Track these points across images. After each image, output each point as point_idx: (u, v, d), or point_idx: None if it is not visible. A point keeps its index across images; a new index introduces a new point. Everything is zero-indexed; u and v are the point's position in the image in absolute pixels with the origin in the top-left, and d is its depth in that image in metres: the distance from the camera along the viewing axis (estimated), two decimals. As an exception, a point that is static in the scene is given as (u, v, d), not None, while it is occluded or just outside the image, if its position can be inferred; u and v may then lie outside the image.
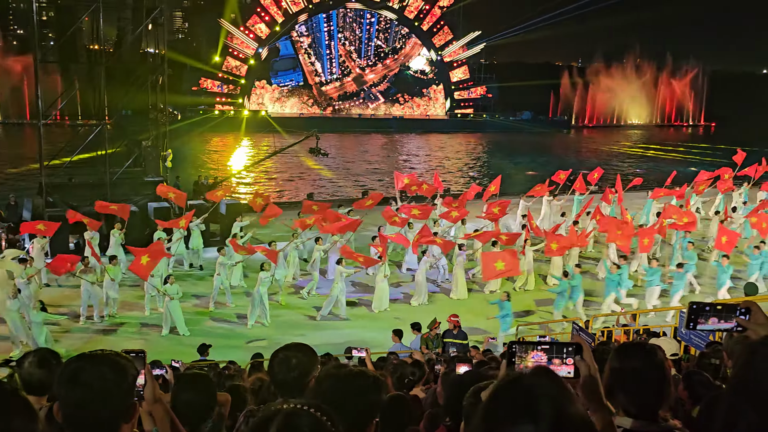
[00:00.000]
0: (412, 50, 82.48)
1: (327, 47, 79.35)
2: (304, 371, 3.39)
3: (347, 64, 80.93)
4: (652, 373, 2.73)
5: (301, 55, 78.73)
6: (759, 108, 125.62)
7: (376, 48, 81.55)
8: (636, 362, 2.75)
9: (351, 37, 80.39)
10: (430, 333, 13.84)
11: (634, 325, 13.08)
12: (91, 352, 2.44)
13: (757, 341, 1.72)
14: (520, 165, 52.25)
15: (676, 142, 76.74)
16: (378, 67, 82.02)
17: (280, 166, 48.26)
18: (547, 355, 2.23)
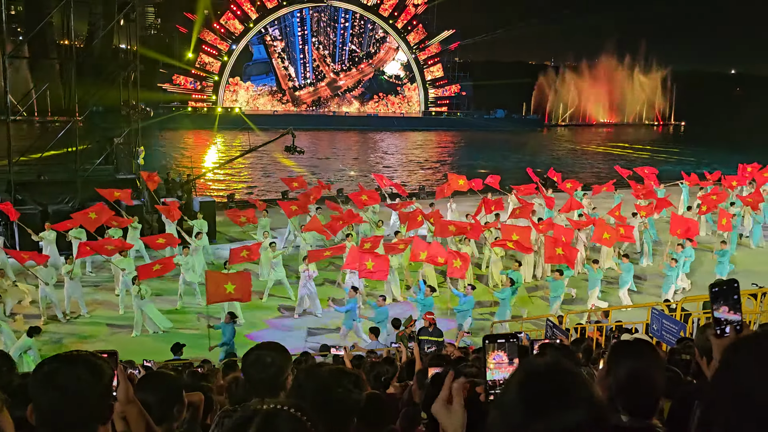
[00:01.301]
0: (387, 55, 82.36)
1: (301, 51, 78.80)
2: (279, 370, 3.38)
3: (321, 68, 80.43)
4: (654, 373, 2.72)
5: (275, 60, 78.07)
6: (728, 107, 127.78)
7: (351, 52, 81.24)
8: (637, 362, 2.74)
9: (325, 41, 79.91)
10: (406, 330, 13.87)
11: (606, 321, 13.24)
12: (66, 353, 2.40)
13: (740, 340, 1.67)
14: (493, 163, 52.48)
15: (648, 141, 77.71)
16: (352, 71, 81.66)
17: (254, 164, 47.99)
18: (508, 356, 2.27)
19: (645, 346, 2.84)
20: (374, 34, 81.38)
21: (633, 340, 3.04)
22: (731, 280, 2.61)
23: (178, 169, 35.25)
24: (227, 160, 39.34)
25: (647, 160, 52.98)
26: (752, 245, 24.97)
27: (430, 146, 66.97)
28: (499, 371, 2.27)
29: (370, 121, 77.77)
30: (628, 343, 2.93)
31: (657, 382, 2.72)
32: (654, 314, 9.96)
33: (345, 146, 64.65)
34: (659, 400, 2.77)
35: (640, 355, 2.76)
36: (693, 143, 73.84)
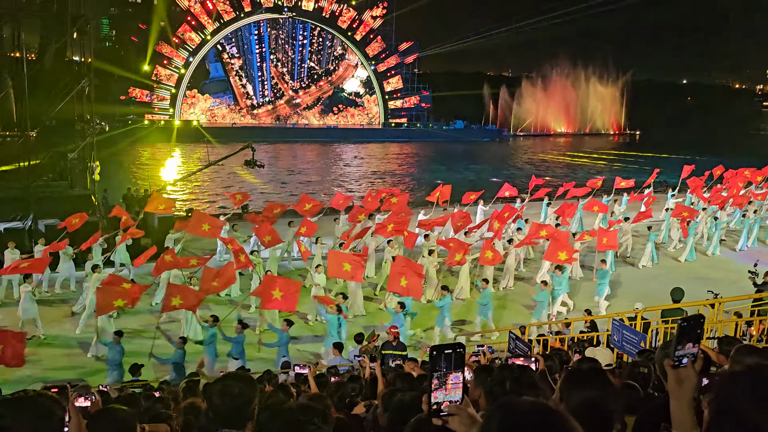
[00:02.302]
0: (346, 72, 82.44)
1: (259, 69, 78.29)
2: (247, 401, 3.29)
3: (280, 86, 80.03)
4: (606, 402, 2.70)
5: (232, 77, 77.43)
6: (681, 116, 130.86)
7: (310, 70, 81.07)
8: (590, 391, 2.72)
9: (283, 58, 79.57)
10: (368, 345, 13.77)
11: (568, 332, 13.35)
12: (13, 395, 2.28)
13: (738, 370, 1.74)
14: (455, 173, 52.77)
15: (605, 150, 79.06)
16: (312, 89, 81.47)
17: (214, 177, 47.43)
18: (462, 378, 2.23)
19: (598, 376, 2.83)
20: (333, 50, 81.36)
21: (586, 368, 3.02)
22: (698, 316, 2.62)
23: (135, 185, 34.66)
24: (186, 174, 38.82)
25: (605, 169, 53.96)
26: (709, 253, 25.46)
27: (391, 158, 67.09)
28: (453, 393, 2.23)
29: (330, 133, 77.73)
30: (582, 372, 2.90)
31: (609, 411, 2.71)
32: (614, 325, 10.04)
33: (306, 158, 64.34)
34: (612, 428, 2.76)
35: (593, 384, 2.75)
36: (648, 151, 75.27)
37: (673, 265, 24.21)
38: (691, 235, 24.93)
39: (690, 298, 15.93)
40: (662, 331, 11.43)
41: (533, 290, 19.01)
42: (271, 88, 79.59)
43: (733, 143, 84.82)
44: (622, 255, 24.71)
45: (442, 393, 2.21)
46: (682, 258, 24.64)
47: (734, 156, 53.21)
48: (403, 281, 15.64)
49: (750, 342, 11.90)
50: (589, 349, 8.07)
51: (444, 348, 2.22)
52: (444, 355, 2.22)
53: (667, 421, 3.11)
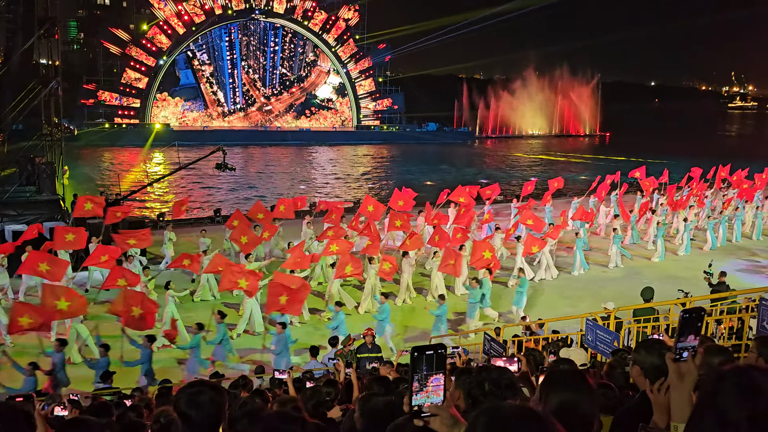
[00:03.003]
0: (318, 78, 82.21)
1: (230, 76, 77.61)
2: (218, 409, 3.22)
3: (252, 93, 79.42)
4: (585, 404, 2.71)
5: (203, 85, 76.63)
6: (649, 118, 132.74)
7: (282, 76, 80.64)
8: (569, 393, 2.72)
9: (255, 65, 79.01)
10: (344, 349, 13.71)
11: (542, 333, 13.42)
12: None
13: (726, 369, 1.78)
14: (429, 175, 52.88)
15: (577, 151, 79.88)
16: (284, 95, 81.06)
17: (185, 181, 47.00)
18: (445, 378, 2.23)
19: (576, 377, 2.83)
20: (305, 57, 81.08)
21: (566, 370, 3.02)
22: (699, 308, 2.65)
23: (107, 189, 34.22)
24: (156, 178, 38.38)
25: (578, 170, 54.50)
26: (679, 253, 25.80)
27: (365, 160, 67.07)
28: (434, 394, 2.21)
29: (303, 136, 77.44)
30: (561, 373, 2.90)
31: (588, 413, 2.72)
32: (588, 325, 10.13)
33: (279, 162, 64.00)
34: (592, 429, 2.77)
35: (572, 386, 2.75)
36: (617, 152, 76.20)
37: (645, 264, 24.49)
38: (660, 236, 25.27)
39: (661, 297, 16.14)
40: (634, 330, 11.55)
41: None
42: (242, 95, 78.93)
43: (700, 145, 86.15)
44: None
45: (423, 395, 2.20)
46: (654, 258, 24.96)
47: (701, 157, 54.03)
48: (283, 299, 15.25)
49: (719, 339, 12.08)
50: (563, 349, 8.12)
51: (425, 349, 2.21)
52: (425, 356, 2.20)
53: (644, 421, 3.13)
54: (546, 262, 22.60)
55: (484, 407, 1.85)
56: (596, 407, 2.80)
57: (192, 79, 76.17)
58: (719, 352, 4.38)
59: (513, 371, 3.48)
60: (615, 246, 24.19)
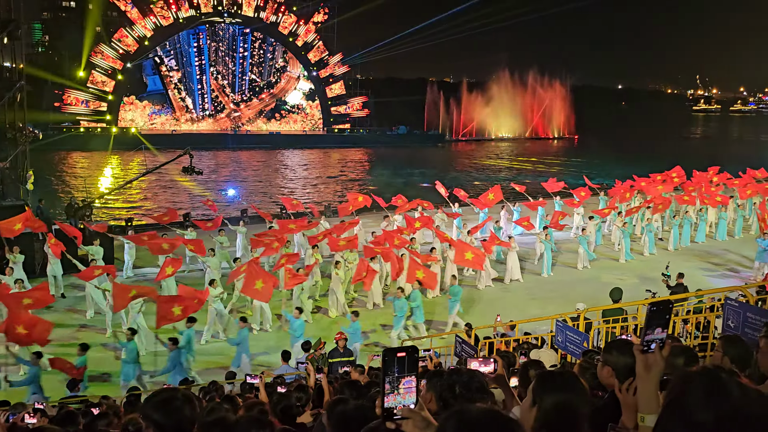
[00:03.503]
0: (288, 84, 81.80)
1: (199, 82, 76.68)
2: (189, 415, 3.18)
3: (221, 99, 78.60)
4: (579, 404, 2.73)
5: (171, 91, 75.64)
6: (616, 121, 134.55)
7: (251, 82, 79.99)
8: (563, 394, 2.73)
9: (224, 70, 78.20)
10: (315, 354, 13.65)
11: (513, 334, 13.50)
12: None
13: (694, 371, 1.82)
14: (400, 178, 52.94)
15: (546, 154, 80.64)
16: (253, 102, 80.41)
17: (154, 185, 46.45)
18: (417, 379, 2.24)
19: (570, 378, 2.85)
20: (274, 62, 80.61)
21: (557, 371, 3.04)
22: (667, 301, 2.69)
23: (76, 195, 33.64)
24: (122, 183, 37.77)
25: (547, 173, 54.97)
26: (645, 253, 26.16)
27: (335, 163, 66.94)
28: (406, 397, 2.21)
29: (273, 140, 76.97)
30: (554, 374, 2.92)
31: (582, 413, 2.74)
32: (558, 326, 10.21)
33: (249, 165, 63.57)
34: (583, 429, 2.79)
35: (566, 387, 2.77)
36: (586, 155, 77.12)
37: (612, 265, 24.79)
38: (627, 236, 25.61)
39: (629, 297, 16.35)
40: (603, 330, 11.67)
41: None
42: (211, 102, 78.10)
43: (666, 147, 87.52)
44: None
45: (394, 397, 2.20)
46: (621, 259, 25.27)
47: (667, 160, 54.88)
48: (259, 284, 16.01)
49: (686, 338, 12.26)
50: (534, 350, 8.18)
51: (396, 351, 2.21)
52: (397, 358, 2.20)
53: (614, 421, 3.17)
54: (511, 265, 22.76)
55: (453, 410, 1.87)
56: (589, 405, 2.82)
57: (160, 85, 75.08)
58: (682, 352, 4.45)
59: (488, 372, 3.49)
60: (582, 247, 24.48)
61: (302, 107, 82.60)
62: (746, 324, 6.99)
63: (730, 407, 1.68)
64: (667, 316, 2.71)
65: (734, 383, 1.73)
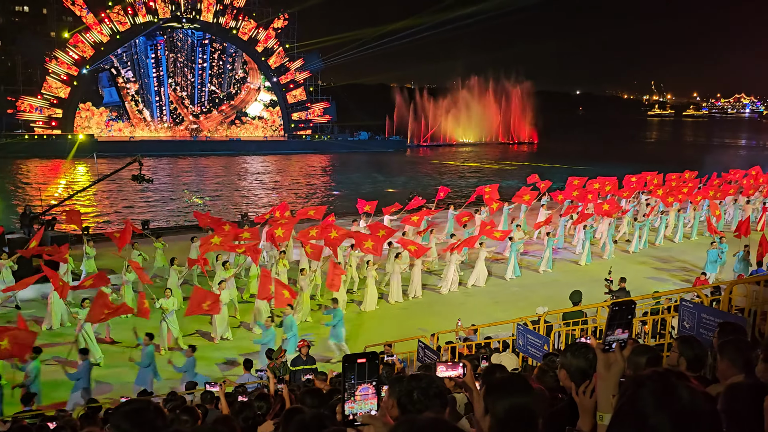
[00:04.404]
0: (249, 96, 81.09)
1: (157, 94, 75.34)
2: (161, 426, 3.13)
3: (179, 111, 77.30)
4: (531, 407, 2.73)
5: (128, 103, 74.16)
6: (574, 125, 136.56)
7: (211, 94, 78.93)
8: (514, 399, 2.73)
9: (183, 82, 76.91)
10: (276, 362, 13.52)
11: (475, 338, 13.58)
12: None
13: (645, 374, 1.83)
14: (363, 183, 52.93)
15: (506, 158, 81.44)
16: (213, 114, 79.35)
17: (111, 193, 45.61)
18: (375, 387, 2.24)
19: (519, 381, 2.85)
20: (234, 73, 79.80)
21: (505, 376, 3.05)
22: (629, 301, 2.72)
23: (30, 203, 32.91)
24: (74, 192, 36.91)
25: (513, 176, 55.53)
26: (605, 256, 26.54)
27: (296, 169, 66.62)
28: (362, 404, 2.21)
29: (233, 146, 76.27)
30: (501, 380, 2.92)
31: (534, 417, 2.75)
32: (519, 329, 10.28)
33: (211, 172, 62.91)
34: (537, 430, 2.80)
35: (516, 391, 2.78)
36: (545, 159, 78.07)
37: (573, 268, 25.11)
38: (588, 240, 25.97)
39: (589, 300, 16.57)
40: (564, 333, 11.80)
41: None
42: (170, 114, 76.80)
43: (623, 151, 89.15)
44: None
45: (351, 404, 2.20)
46: (581, 262, 25.62)
47: (624, 163, 55.94)
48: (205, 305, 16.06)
49: (644, 338, 12.47)
50: (495, 355, 8.21)
51: (356, 358, 2.21)
52: (357, 365, 2.20)
53: (572, 423, 3.19)
54: (478, 270, 22.92)
55: (402, 419, 1.93)
56: (540, 407, 2.83)
57: (116, 97, 73.37)
58: (645, 351, 4.52)
59: (456, 376, 3.49)
60: (547, 250, 24.74)
61: (264, 118, 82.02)
62: (701, 325, 7.13)
63: (681, 410, 1.70)
64: (629, 316, 2.75)
65: (684, 386, 1.75)
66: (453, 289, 22.27)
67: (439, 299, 21.46)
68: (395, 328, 18.61)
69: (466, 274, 23.22)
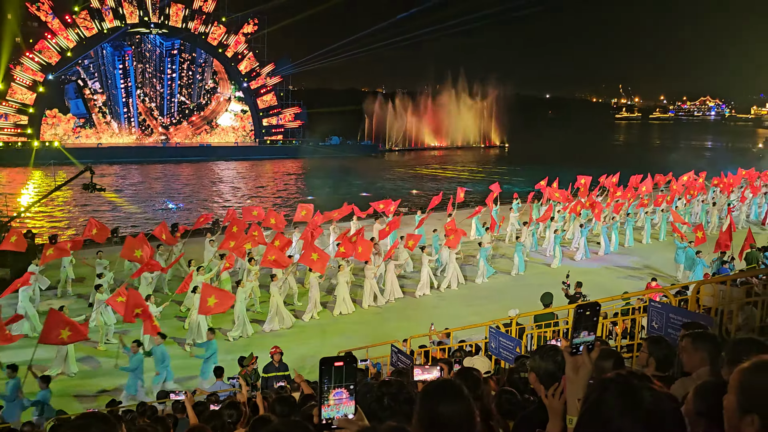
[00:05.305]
0: (219, 106, 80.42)
1: (125, 105, 74.19)
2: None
3: (148, 122, 76.27)
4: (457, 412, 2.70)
5: (95, 115, 72.94)
6: (544, 129, 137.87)
7: (180, 105, 78.00)
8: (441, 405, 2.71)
9: (151, 93, 75.86)
10: (247, 369, 13.40)
11: (448, 342, 13.60)
12: None
13: (609, 378, 1.87)
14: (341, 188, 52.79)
15: (478, 163, 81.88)
16: (183, 125, 78.48)
17: (78, 200, 44.91)
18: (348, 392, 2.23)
19: (448, 387, 2.82)
20: (204, 83, 79.04)
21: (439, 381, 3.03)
22: (594, 304, 2.73)
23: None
24: (35, 200, 36.20)
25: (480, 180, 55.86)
26: (576, 257, 26.79)
27: (268, 175, 66.29)
28: (337, 408, 2.21)
29: (204, 152, 75.61)
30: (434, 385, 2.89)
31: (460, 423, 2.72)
32: (491, 332, 10.32)
33: (181, 178, 62.30)
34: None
35: (444, 397, 2.75)
36: (516, 162, 78.66)
37: (544, 270, 25.30)
38: (558, 243, 26.20)
39: (560, 301, 16.69)
40: (535, 335, 11.87)
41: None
42: (138, 125, 75.82)
43: (591, 154, 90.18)
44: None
45: (329, 408, 2.20)
46: (553, 264, 25.81)
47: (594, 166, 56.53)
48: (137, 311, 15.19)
49: (615, 339, 12.59)
50: (467, 358, 8.23)
51: (333, 361, 2.20)
52: (334, 368, 2.20)
53: (542, 426, 3.19)
54: (450, 273, 22.99)
55: (364, 428, 1.94)
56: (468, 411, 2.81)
57: (83, 109, 72.02)
58: (609, 355, 4.54)
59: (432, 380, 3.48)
60: (517, 254, 24.90)
61: (235, 128, 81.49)
62: (669, 324, 7.21)
63: (644, 412, 1.75)
64: (595, 318, 2.76)
65: (646, 388, 1.80)
66: (426, 293, 22.30)
67: (412, 303, 21.48)
68: (369, 332, 18.59)
69: (440, 278, 23.29)
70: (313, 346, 17.73)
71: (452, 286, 22.98)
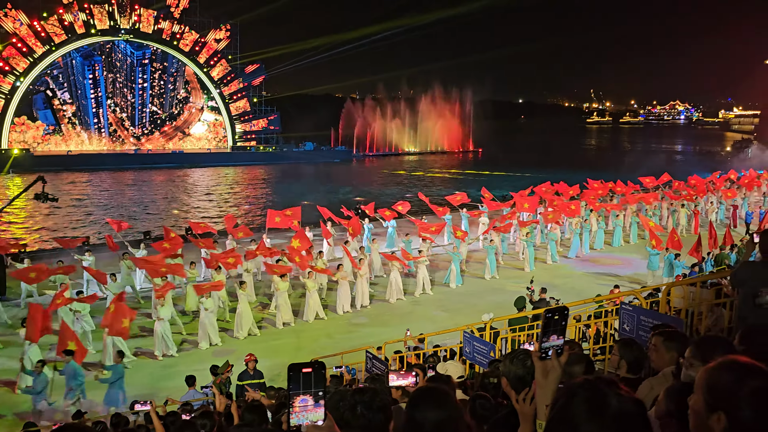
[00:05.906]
0: (191, 116, 79.73)
1: (95, 116, 73.14)
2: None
3: (119, 133, 75.27)
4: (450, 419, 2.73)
5: (65, 125, 71.79)
6: (516, 133, 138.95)
7: (152, 114, 77.07)
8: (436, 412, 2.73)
9: (122, 103, 74.85)
10: (222, 377, 13.28)
11: (423, 347, 13.61)
12: None
13: (576, 384, 1.89)
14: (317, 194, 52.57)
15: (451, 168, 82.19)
16: (155, 135, 77.56)
17: (44, 209, 44.22)
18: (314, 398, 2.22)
19: (439, 395, 2.85)
20: (176, 93, 78.24)
21: (426, 387, 3.05)
22: (562, 308, 2.75)
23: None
24: None
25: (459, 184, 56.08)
26: (548, 261, 27.00)
27: (242, 181, 65.87)
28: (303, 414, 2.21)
29: (176, 158, 74.89)
30: (421, 392, 2.92)
31: (449, 430, 2.75)
32: (465, 337, 10.34)
33: (154, 186, 61.63)
34: None
35: (438, 404, 2.79)
36: (490, 166, 79.11)
37: (518, 274, 25.43)
38: (530, 246, 26.39)
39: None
40: (509, 339, 11.93)
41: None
42: (109, 136, 74.81)
43: (563, 158, 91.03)
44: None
45: (296, 414, 2.20)
46: (527, 267, 25.96)
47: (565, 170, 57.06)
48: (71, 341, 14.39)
49: (588, 342, 12.70)
50: (440, 364, 8.23)
51: (302, 367, 2.20)
52: (302, 374, 2.20)
53: (513, 430, 3.21)
54: (421, 278, 23.01)
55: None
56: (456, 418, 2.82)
57: (52, 119, 70.85)
58: (579, 360, 4.58)
59: (408, 385, 3.47)
60: (489, 257, 25.02)
61: (209, 137, 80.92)
62: (640, 327, 7.29)
63: (611, 417, 1.77)
64: (564, 322, 2.77)
65: (613, 394, 1.81)
66: (400, 297, 22.31)
67: (387, 309, 21.46)
68: (345, 339, 18.54)
69: (411, 284, 23.26)
70: (288, 354, 17.66)
71: (427, 291, 22.99)
